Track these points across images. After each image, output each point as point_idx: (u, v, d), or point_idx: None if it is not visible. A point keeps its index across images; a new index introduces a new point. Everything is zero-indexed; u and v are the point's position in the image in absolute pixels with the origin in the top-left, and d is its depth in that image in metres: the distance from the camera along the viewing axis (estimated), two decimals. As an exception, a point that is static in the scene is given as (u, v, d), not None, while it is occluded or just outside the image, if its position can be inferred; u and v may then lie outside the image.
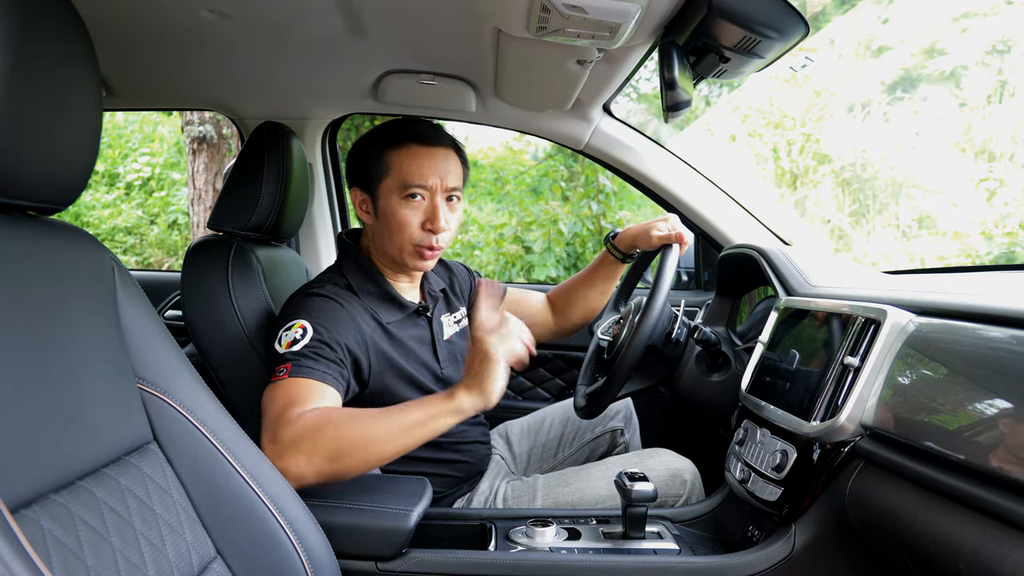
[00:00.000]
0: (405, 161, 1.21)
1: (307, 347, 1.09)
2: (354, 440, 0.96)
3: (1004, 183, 4.79)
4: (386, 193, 1.23)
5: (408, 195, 1.21)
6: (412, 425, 0.99)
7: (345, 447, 0.96)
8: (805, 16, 0.99)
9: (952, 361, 0.80)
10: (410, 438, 0.99)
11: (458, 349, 1.40)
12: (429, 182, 1.21)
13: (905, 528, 0.79)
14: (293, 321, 1.13)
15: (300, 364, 1.06)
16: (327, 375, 1.07)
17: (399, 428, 0.98)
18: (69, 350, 0.70)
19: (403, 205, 1.22)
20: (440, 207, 1.23)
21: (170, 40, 1.41)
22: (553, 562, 1.02)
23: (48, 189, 0.72)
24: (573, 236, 5.43)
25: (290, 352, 1.08)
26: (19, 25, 0.63)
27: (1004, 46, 5.22)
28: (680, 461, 1.34)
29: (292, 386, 1.04)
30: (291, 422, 0.97)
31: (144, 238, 6.96)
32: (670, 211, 1.84)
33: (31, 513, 0.60)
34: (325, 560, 0.90)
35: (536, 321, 1.58)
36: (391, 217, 1.22)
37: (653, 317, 1.20)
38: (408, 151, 1.22)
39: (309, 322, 1.12)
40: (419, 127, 1.25)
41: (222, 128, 4.82)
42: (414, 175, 1.21)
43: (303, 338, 1.10)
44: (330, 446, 0.95)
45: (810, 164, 5.67)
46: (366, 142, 1.26)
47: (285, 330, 1.12)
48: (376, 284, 1.27)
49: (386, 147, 1.23)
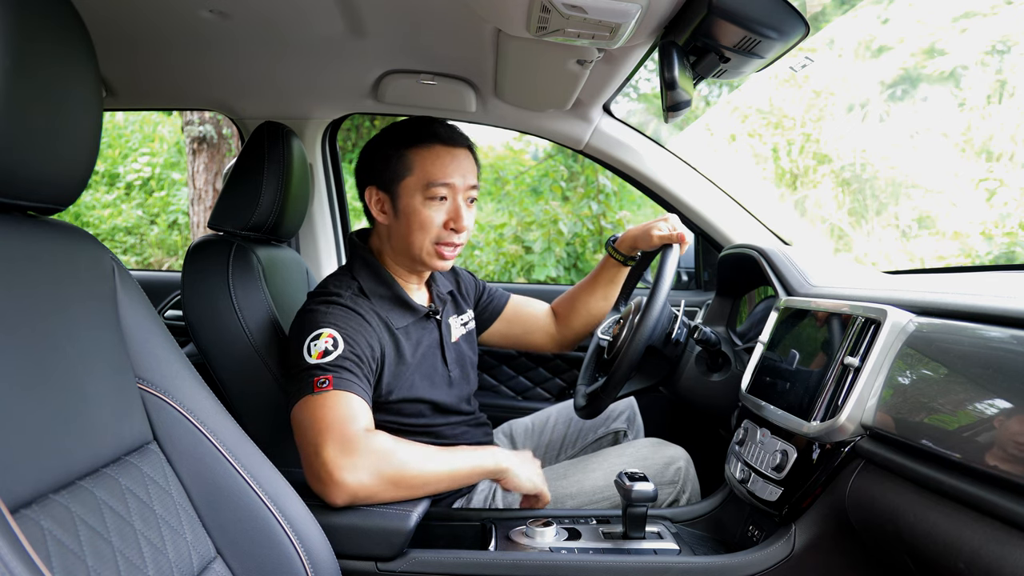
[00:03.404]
0: (429, 160, 1.22)
1: (343, 358, 1.10)
2: (416, 475, 1.05)
3: (1004, 183, 4.79)
4: (408, 192, 1.22)
5: (431, 195, 1.21)
6: (463, 476, 1.11)
7: (408, 479, 1.04)
8: (805, 16, 0.99)
9: (952, 361, 0.80)
10: (455, 484, 1.11)
11: (465, 353, 1.41)
12: (453, 181, 1.22)
13: (905, 528, 0.79)
14: (320, 330, 1.13)
15: (342, 377, 1.08)
16: (363, 389, 1.10)
17: (451, 474, 1.09)
18: (69, 350, 0.70)
19: (426, 204, 1.22)
20: (462, 206, 1.24)
21: (170, 40, 1.41)
22: (553, 562, 1.02)
23: (48, 189, 0.72)
24: (573, 236, 5.43)
25: (327, 363, 1.09)
26: (19, 25, 0.63)
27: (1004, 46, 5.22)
28: (673, 449, 1.35)
29: (342, 400, 1.06)
30: (358, 438, 1.02)
31: (144, 238, 6.96)
32: (670, 211, 1.84)
33: (31, 513, 0.60)
34: (325, 560, 0.90)
35: (537, 328, 1.59)
36: (413, 216, 1.22)
37: (653, 317, 1.20)
38: (432, 151, 1.22)
39: (339, 333, 1.12)
40: (442, 127, 1.26)
41: (222, 128, 4.82)
42: (438, 175, 1.21)
43: (336, 349, 1.11)
44: (395, 474, 1.03)
45: (810, 164, 5.66)
46: (383, 141, 1.26)
47: (313, 339, 1.12)
48: (387, 288, 1.27)
49: (408, 146, 1.23)
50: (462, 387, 1.36)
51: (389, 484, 1.02)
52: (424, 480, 1.05)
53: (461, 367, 1.37)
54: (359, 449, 1.01)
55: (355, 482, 0.99)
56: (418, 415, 1.27)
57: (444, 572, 1.02)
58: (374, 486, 1.01)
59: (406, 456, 1.05)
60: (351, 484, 0.99)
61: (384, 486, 1.02)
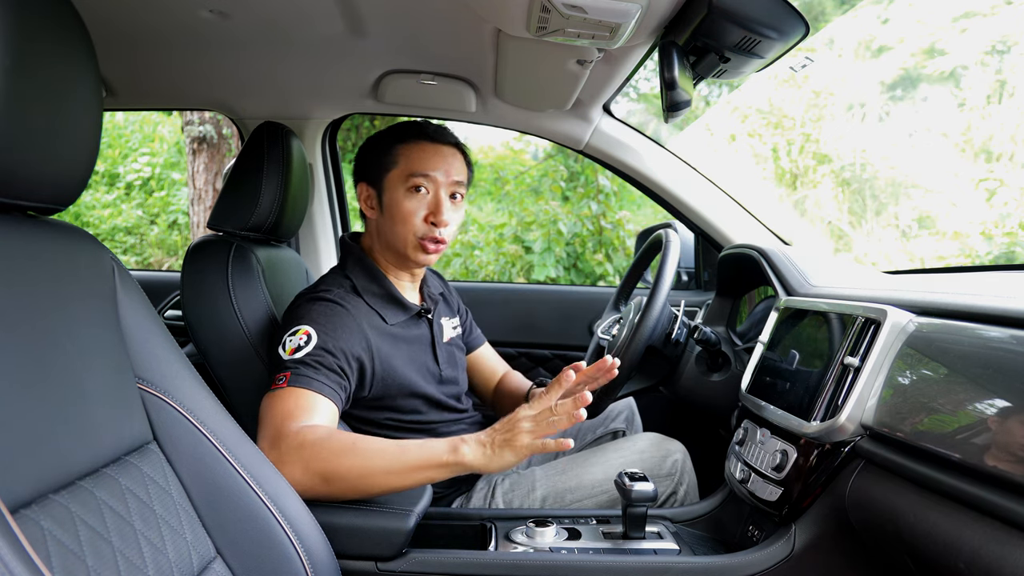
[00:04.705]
0: (413, 153, 1.25)
1: (309, 355, 1.09)
2: (349, 469, 0.97)
3: (1004, 183, 4.79)
4: (392, 185, 1.26)
5: (413, 186, 1.24)
6: (408, 468, 0.98)
7: (341, 473, 0.96)
8: (805, 16, 0.99)
9: (952, 361, 0.80)
10: (404, 480, 0.98)
11: (456, 354, 1.42)
12: (433, 174, 1.25)
13: (905, 528, 0.79)
14: (298, 327, 1.13)
15: (300, 373, 1.07)
16: (325, 386, 1.08)
17: (395, 467, 0.98)
18: (69, 350, 0.70)
19: (408, 196, 1.24)
20: (444, 201, 1.25)
21: (170, 40, 1.41)
22: (553, 562, 1.02)
23: (48, 189, 0.72)
24: (573, 236, 5.43)
25: (292, 360, 1.08)
26: (19, 25, 0.63)
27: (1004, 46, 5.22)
28: (671, 443, 1.35)
29: (290, 396, 1.04)
30: (288, 435, 0.98)
31: (144, 238, 6.96)
32: (670, 211, 1.85)
33: (31, 513, 0.59)
34: (325, 560, 0.90)
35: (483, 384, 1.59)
36: (396, 208, 1.25)
37: (653, 317, 1.21)
38: (417, 145, 1.26)
39: (314, 328, 1.12)
40: (430, 127, 1.30)
41: (222, 128, 4.82)
42: (419, 166, 1.24)
43: (306, 345, 1.10)
44: (324, 467, 0.96)
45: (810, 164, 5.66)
46: (376, 139, 1.31)
47: (290, 335, 1.12)
48: (380, 285, 1.28)
49: (396, 142, 1.27)
50: (453, 386, 1.38)
51: (319, 479, 0.96)
52: (363, 473, 0.97)
53: (452, 366, 1.38)
54: (287, 444, 0.97)
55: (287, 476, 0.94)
56: (414, 411, 1.28)
57: (444, 572, 1.02)
58: (305, 481, 0.95)
59: (341, 451, 0.97)
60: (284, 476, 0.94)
61: (314, 480, 0.96)
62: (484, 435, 0.99)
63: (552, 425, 0.95)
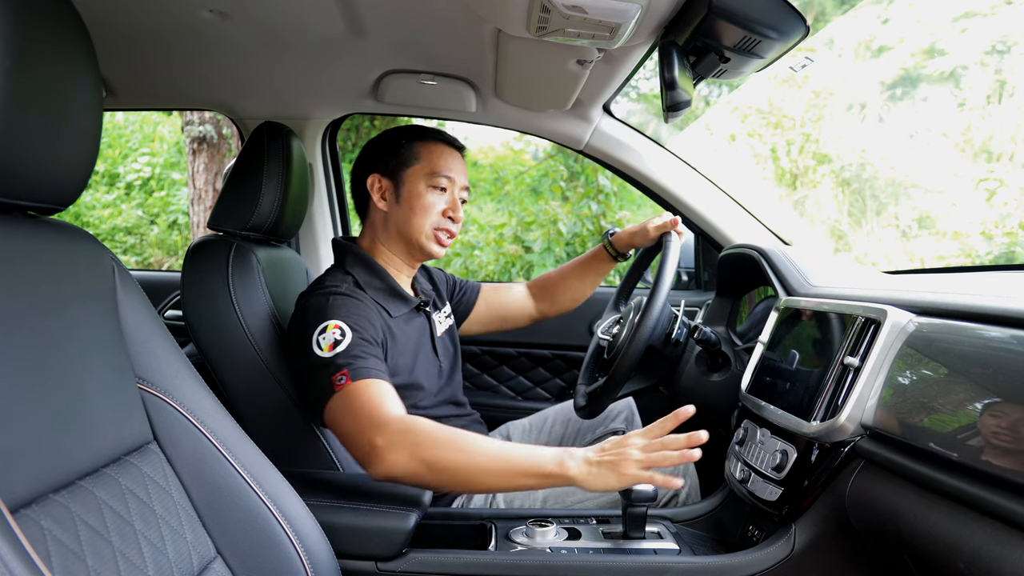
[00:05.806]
0: (436, 153, 1.33)
1: (353, 346, 1.10)
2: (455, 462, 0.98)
3: (1004, 183, 4.79)
4: (413, 179, 1.31)
5: (435, 183, 1.31)
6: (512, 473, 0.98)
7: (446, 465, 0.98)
8: (805, 16, 0.99)
9: (952, 361, 0.80)
10: (505, 483, 1.00)
11: (450, 347, 1.45)
12: (453, 176, 1.33)
13: (905, 528, 0.79)
14: (325, 323, 1.13)
15: (356, 366, 1.07)
16: (382, 372, 1.10)
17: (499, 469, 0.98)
18: (69, 350, 0.70)
19: (429, 191, 1.31)
20: (458, 199, 1.34)
21: (170, 40, 1.42)
22: (553, 562, 1.02)
23: (48, 189, 0.72)
24: (573, 236, 5.43)
25: (339, 355, 1.09)
26: (19, 25, 0.63)
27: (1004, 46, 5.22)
28: None
29: (363, 389, 1.05)
30: (391, 421, 1.01)
31: (144, 238, 6.96)
32: (670, 211, 1.84)
33: (31, 513, 0.60)
34: (325, 560, 0.90)
35: (515, 308, 1.66)
36: (417, 201, 1.30)
37: (653, 317, 1.21)
38: (437, 146, 1.34)
39: (343, 322, 1.13)
40: (443, 131, 1.39)
41: (222, 128, 4.82)
42: (443, 167, 1.32)
43: (345, 338, 1.11)
44: (431, 456, 0.98)
45: (809, 164, 5.66)
46: (394, 134, 1.36)
47: (319, 333, 1.12)
48: (381, 279, 1.31)
49: (415, 140, 1.34)
50: (451, 380, 1.40)
51: (425, 467, 0.98)
52: (465, 469, 0.98)
53: (448, 359, 1.41)
54: (392, 429, 0.99)
55: (393, 461, 0.97)
56: (418, 405, 1.29)
57: (444, 572, 1.02)
58: (412, 466, 0.98)
59: (444, 441, 0.99)
60: (389, 462, 0.97)
61: (420, 468, 0.98)
62: (592, 452, 0.98)
63: (664, 458, 0.95)
